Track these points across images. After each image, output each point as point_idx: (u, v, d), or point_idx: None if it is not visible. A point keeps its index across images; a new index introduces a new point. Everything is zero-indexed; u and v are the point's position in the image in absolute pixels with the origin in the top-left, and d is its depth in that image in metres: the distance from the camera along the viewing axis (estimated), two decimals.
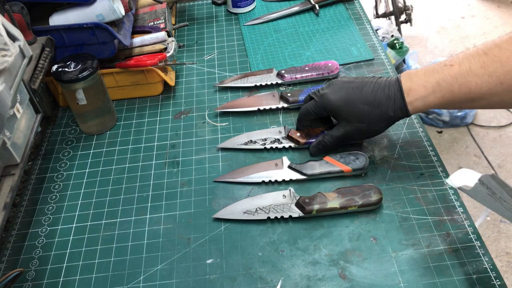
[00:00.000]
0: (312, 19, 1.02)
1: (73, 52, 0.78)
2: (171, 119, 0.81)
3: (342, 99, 0.64)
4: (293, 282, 0.56)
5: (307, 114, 0.69)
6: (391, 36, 2.09)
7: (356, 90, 0.63)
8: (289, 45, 0.95)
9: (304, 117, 0.70)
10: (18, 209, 0.69)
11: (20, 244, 0.64)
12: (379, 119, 0.63)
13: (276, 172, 0.67)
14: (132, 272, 0.59)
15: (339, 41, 0.93)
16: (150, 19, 0.91)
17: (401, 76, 0.62)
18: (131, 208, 0.67)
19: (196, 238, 0.62)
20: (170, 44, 0.84)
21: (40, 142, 0.79)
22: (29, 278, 0.59)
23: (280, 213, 0.62)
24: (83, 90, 0.72)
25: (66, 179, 0.72)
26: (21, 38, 0.61)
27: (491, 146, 1.94)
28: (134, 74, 0.82)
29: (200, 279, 0.57)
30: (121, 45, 0.81)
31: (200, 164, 0.72)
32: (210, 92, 0.85)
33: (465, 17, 2.70)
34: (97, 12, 0.76)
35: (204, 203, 0.66)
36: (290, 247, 0.59)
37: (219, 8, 1.09)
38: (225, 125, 0.78)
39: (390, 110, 0.62)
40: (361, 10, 1.03)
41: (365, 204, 0.61)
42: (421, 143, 0.71)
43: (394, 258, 0.57)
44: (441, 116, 2.00)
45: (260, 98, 0.80)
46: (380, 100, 0.62)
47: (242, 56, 0.93)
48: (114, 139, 0.78)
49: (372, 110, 0.62)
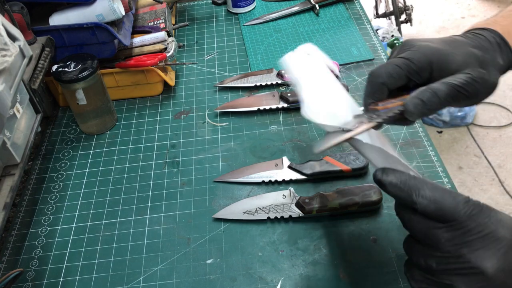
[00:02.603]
0: (312, 19, 1.02)
1: (73, 52, 0.78)
2: (171, 119, 0.81)
3: (446, 43, 0.46)
4: (293, 282, 0.56)
5: (394, 77, 0.45)
6: (391, 36, 2.09)
7: (452, 39, 0.47)
8: (289, 45, 0.95)
9: (388, 81, 0.45)
10: (18, 209, 0.68)
11: (20, 244, 0.64)
12: (495, 69, 0.46)
13: (276, 172, 0.67)
14: (132, 272, 0.59)
15: (339, 41, 0.93)
16: (150, 19, 0.91)
17: (478, 24, 0.49)
18: (131, 208, 0.67)
19: (196, 238, 0.62)
20: (170, 44, 0.84)
21: (40, 142, 0.79)
22: (29, 278, 0.59)
23: (280, 213, 0.62)
24: (83, 90, 0.72)
25: (66, 179, 0.72)
26: (21, 38, 0.61)
27: (491, 146, 1.94)
28: (134, 74, 0.82)
29: (200, 279, 0.57)
30: (121, 45, 0.81)
31: (200, 164, 0.72)
32: (210, 92, 0.85)
33: (465, 17, 2.70)
34: (97, 12, 0.76)
35: (204, 203, 0.66)
36: (290, 247, 0.59)
37: (219, 8, 1.09)
38: (225, 125, 0.78)
39: (498, 57, 0.46)
40: (361, 10, 1.03)
41: (365, 204, 0.61)
42: (421, 143, 0.71)
43: (394, 258, 0.57)
44: (441, 116, 2.00)
45: (260, 98, 0.80)
46: (484, 44, 0.47)
47: (242, 56, 0.93)
48: (114, 139, 0.78)
49: (484, 55, 0.46)
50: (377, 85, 0.45)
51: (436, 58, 0.44)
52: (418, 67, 0.44)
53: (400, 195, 0.40)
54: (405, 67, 0.44)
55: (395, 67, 0.44)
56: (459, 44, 0.46)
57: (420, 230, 0.39)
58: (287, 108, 0.79)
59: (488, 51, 0.46)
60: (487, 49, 0.46)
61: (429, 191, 0.38)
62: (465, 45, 0.46)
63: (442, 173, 0.66)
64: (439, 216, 0.37)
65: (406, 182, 0.39)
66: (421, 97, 0.42)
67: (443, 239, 0.37)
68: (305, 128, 0.76)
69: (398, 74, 0.44)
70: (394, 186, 0.40)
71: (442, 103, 0.43)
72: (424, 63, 0.44)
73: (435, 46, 0.45)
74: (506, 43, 0.47)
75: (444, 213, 0.37)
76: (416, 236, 0.39)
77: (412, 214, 0.39)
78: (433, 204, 0.37)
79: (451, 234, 0.36)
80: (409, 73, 0.44)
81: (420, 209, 0.38)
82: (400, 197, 0.40)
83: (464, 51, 0.45)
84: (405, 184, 0.39)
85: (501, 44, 0.47)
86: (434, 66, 0.44)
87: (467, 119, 1.99)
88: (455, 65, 0.44)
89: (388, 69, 0.45)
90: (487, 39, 0.47)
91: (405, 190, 0.39)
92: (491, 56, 0.46)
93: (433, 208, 0.37)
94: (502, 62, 0.47)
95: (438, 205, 0.37)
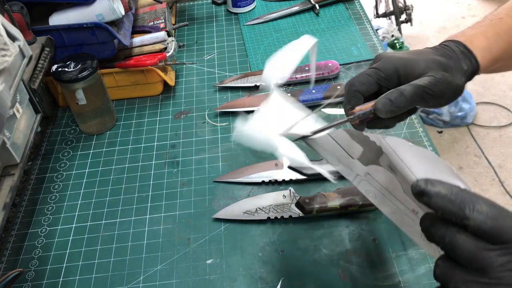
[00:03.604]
0: (312, 18, 1.02)
1: (73, 52, 0.78)
2: (171, 119, 0.81)
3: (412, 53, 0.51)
4: (293, 282, 0.56)
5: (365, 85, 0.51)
6: (391, 36, 2.09)
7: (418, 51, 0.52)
8: None
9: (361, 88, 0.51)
10: (17, 209, 0.68)
11: (19, 244, 0.64)
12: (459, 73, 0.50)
13: (276, 172, 0.67)
14: (132, 273, 0.59)
15: (339, 41, 0.93)
16: (150, 19, 0.91)
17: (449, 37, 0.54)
18: (131, 208, 0.66)
19: (196, 238, 0.62)
20: (170, 44, 0.84)
21: (39, 142, 0.79)
22: (29, 278, 0.59)
23: (280, 213, 0.62)
24: (82, 90, 0.72)
25: (66, 179, 0.72)
26: (21, 38, 0.61)
27: (491, 146, 1.94)
28: (134, 74, 0.82)
29: (200, 279, 0.57)
30: (121, 45, 0.81)
31: (200, 164, 0.72)
32: (210, 92, 0.85)
33: (466, 17, 2.70)
34: (97, 12, 0.76)
35: (204, 203, 0.66)
36: (290, 247, 0.59)
37: (219, 8, 1.09)
38: (225, 125, 0.78)
39: (462, 63, 0.50)
40: (361, 10, 1.03)
41: (365, 204, 0.61)
42: (421, 143, 0.71)
43: (394, 259, 0.57)
44: (441, 116, 1.99)
45: (260, 98, 0.80)
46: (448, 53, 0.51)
47: (242, 56, 0.93)
48: (113, 139, 0.78)
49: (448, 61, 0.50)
50: (352, 92, 0.51)
51: (401, 65, 0.50)
52: (386, 74, 0.50)
53: (450, 208, 0.34)
54: (375, 75, 0.50)
55: (366, 76, 0.50)
56: (423, 53, 0.50)
57: (467, 251, 0.33)
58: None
59: (451, 58, 0.50)
60: (451, 57, 0.51)
61: (486, 206, 0.33)
62: (429, 54, 0.50)
63: None
64: (495, 235, 0.33)
65: (458, 194, 0.34)
66: (389, 96, 0.47)
67: (496, 263, 0.32)
68: None
69: (369, 81, 0.50)
70: (443, 198, 0.34)
71: (408, 101, 0.47)
72: (391, 70, 0.50)
73: (401, 56, 0.50)
74: (469, 50, 0.51)
75: (502, 232, 0.32)
76: (460, 258, 0.34)
77: (458, 232, 0.34)
78: (491, 221, 0.33)
79: (506, 258, 0.32)
80: (379, 80, 0.50)
81: (474, 225, 0.33)
82: (450, 210, 0.34)
83: (428, 58, 0.50)
84: (457, 196, 0.34)
85: (465, 52, 0.51)
86: (400, 72, 0.49)
87: (467, 119, 1.99)
88: (419, 70, 0.49)
89: (360, 78, 0.51)
90: (451, 48, 0.51)
91: (457, 202, 0.34)
92: (455, 62, 0.50)
93: (490, 226, 0.33)
94: (466, 67, 0.51)
95: (497, 222, 0.32)
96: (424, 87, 0.47)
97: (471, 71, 0.51)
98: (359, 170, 0.47)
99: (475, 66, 0.51)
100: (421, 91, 0.47)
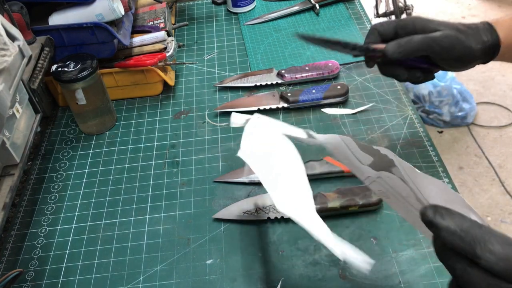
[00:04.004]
0: (313, 18, 1.02)
1: (72, 51, 0.78)
2: (171, 119, 0.80)
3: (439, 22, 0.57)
4: (293, 282, 0.55)
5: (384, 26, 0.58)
6: None
7: None
8: (289, 45, 0.94)
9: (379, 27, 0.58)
10: (17, 209, 0.68)
11: (19, 245, 0.64)
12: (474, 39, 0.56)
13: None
14: (132, 273, 0.59)
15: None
16: (150, 19, 0.91)
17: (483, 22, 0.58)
18: (130, 209, 0.66)
19: (196, 238, 0.62)
20: (170, 44, 0.84)
21: (39, 142, 0.79)
22: (29, 279, 0.59)
23: (280, 213, 0.62)
24: (82, 90, 0.71)
25: (66, 179, 0.72)
26: (21, 38, 0.61)
27: (492, 146, 1.94)
28: (134, 74, 0.82)
29: (200, 280, 0.57)
30: (120, 45, 0.81)
31: (200, 164, 0.72)
32: (210, 92, 0.85)
33: (466, 17, 2.70)
34: (97, 12, 0.76)
35: (204, 203, 0.66)
36: (290, 248, 0.59)
37: (219, 7, 1.08)
38: (225, 125, 0.78)
39: (482, 34, 0.56)
40: (361, 10, 1.02)
41: (365, 204, 0.61)
42: (421, 143, 0.71)
43: (395, 259, 0.57)
44: (441, 116, 1.99)
45: (260, 98, 0.80)
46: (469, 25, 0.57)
47: (242, 56, 0.93)
48: (113, 139, 0.78)
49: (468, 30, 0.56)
50: (371, 30, 0.59)
51: (418, 20, 0.56)
52: (404, 22, 0.57)
53: (460, 245, 0.32)
54: (393, 22, 0.57)
55: (387, 21, 0.58)
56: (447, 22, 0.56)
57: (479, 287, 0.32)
58: (287, 108, 0.79)
59: (471, 28, 0.56)
60: (471, 27, 0.56)
61: (498, 246, 0.31)
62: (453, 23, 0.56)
63: (443, 173, 0.66)
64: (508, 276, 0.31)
65: (468, 231, 0.32)
66: (399, 41, 0.55)
67: None
68: (305, 128, 0.75)
69: (388, 24, 0.57)
70: (452, 234, 0.32)
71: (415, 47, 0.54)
72: (408, 21, 0.57)
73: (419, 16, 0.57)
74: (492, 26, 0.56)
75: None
76: None
77: (470, 267, 0.32)
78: (503, 263, 0.31)
79: None
80: (397, 26, 0.57)
81: (486, 265, 0.31)
82: (459, 247, 0.32)
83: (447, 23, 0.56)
84: (468, 233, 0.32)
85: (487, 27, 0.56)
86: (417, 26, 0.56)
87: (468, 119, 1.99)
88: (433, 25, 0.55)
89: (381, 22, 0.59)
90: (476, 24, 0.56)
91: (467, 240, 0.32)
92: (473, 31, 0.56)
93: (503, 267, 0.31)
94: (486, 38, 0.56)
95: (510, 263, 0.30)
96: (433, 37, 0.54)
97: (491, 44, 0.56)
98: (371, 173, 0.47)
99: (496, 40, 0.56)
100: (430, 40, 0.54)
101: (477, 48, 0.56)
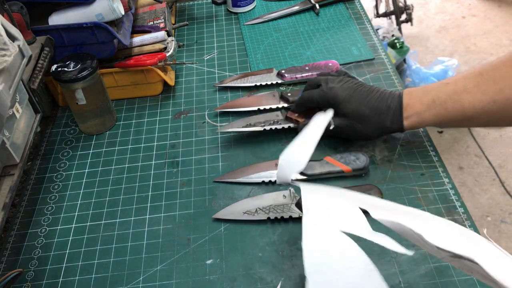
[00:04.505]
0: (313, 18, 1.02)
1: (72, 51, 0.78)
2: (171, 119, 0.80)
3: (348, 97, 0.65)
4: (293, 283, 0.55)
5: (309, 101, 0.69)
6: (391, 36, 2.09)
7: (363, 94, 0.66)
8: (289, 45, 0.94)
9: (305, 102, 0.70)
10: (17, 209, 0.68)
11: (19, 245, 0.64)
12: (376, 126, 0.65)
13: (276, 172, 0.67)
14: (132, 273, 0.59)
15: (339, 41, 0.93)
16: (150, 19, 0.91)
17: (403, 92, 0.65)
18: (130, 209, 0.66)
19: (195, 238, 0.61)
20: (170, 44, 0.84)
21: (39, 142, 0.79)
22: (28, 279, 0.59)
23: (280, 213, 0.62)
24: (82, 90, 0.71)
25: (66, 179, 0.72)
26: (21, 38, 0.61)
27: (492, 146, 1.94)
28: (134, 73, 0.82)
29: (199, 280, 0.57)
30: (120, 45, 0.81)
31: (200, 164, 0.71)
32: (210, 92, 0.85)
33: (466, 17, 2.70)
34: (97, 12, 0.76)
35: (204, 203, 0.66)
36: (290, 248, 0.59)
37: (219, 7, 1.08)
38: (225, 125, 0.78)
39: (387, 121, 0.64)
40: (361, 10, 1.02)
41: None
42: (421, 143, 0.71)
43: (395, 259, 0.57)
44: None
45: (260, 98, 0.80)
46: (381, 109, 0.64)
47: (242, 56, 0.93)
48: (113, 139, 0.78)
49: (372, 115, 0.64)
50: (300, 103, 0.71)
51: (334, 102, 0.66)
52: (323, 102, 0.67)
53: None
54: (316, 99, 0.68)
55: (311, 97, 0.69)
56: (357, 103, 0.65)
57: None
58: (287, 108, 0.78)
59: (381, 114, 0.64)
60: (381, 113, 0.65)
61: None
62: (361, 105, 0.65)
63: (443, 173, 0.66)
64: None
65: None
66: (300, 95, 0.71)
67: None
68: None
69: (312, 101, 0.69)
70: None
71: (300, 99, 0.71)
72: (325, 102, 0.67)
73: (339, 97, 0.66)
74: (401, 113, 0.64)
75: None
76: None
77: None
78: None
79: None
80: (317, 103, 0.69)
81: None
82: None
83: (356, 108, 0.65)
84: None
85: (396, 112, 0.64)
86: (331, 106, 0.66)
87: None
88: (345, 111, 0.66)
89: (309, 96, 0.69)
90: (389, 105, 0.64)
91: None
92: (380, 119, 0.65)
93: None
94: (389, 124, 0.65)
95: None
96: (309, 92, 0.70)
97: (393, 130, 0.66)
98: None
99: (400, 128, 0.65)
100: (307, 94, 0.70)
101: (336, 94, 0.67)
